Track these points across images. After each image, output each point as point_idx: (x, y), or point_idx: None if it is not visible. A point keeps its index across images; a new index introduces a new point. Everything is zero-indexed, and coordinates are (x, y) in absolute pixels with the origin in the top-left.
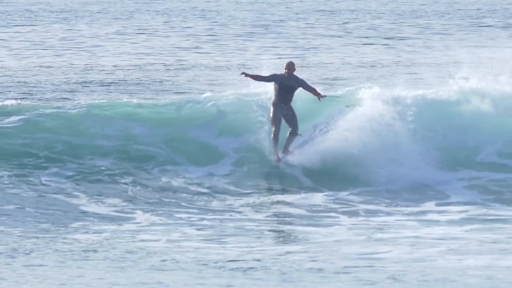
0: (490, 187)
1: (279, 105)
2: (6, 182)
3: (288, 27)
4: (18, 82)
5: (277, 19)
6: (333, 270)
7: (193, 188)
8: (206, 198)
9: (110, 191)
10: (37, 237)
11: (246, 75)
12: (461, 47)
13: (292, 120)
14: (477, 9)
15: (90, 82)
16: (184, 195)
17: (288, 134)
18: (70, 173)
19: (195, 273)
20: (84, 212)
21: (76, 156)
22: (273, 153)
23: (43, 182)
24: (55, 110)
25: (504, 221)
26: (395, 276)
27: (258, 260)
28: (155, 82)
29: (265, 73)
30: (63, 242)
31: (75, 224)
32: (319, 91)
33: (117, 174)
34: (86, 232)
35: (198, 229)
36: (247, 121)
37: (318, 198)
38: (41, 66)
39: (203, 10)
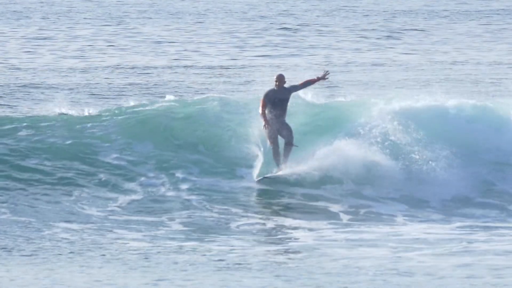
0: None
1: (272, 119)
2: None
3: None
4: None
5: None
6: (321, 272)
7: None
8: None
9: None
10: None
11: (266, 123)
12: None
13: (286, 131)
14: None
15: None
16: (174, 192)
17: (284, 146)
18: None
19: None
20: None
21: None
22: (276, 166)
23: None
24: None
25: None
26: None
27: (246, 259)
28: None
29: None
30: (52, 240)
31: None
32: (316, 77)
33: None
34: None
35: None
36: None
37: (309, 201)
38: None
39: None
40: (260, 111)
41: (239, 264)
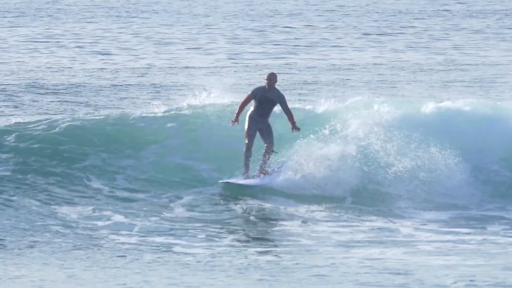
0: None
1: (255, 118)
2: None
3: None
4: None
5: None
6: (310, 271)
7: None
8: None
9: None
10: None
11: (235, 119)
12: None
13: (268, 135)
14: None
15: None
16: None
17: (263, 151)
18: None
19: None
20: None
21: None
22: (243, 167)
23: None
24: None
25: None
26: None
27: (235, 259)
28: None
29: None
30: (48, 240)
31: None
32: (295, 121)
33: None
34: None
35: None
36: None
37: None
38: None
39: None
40: (240, 104)
41: (232, 264)
